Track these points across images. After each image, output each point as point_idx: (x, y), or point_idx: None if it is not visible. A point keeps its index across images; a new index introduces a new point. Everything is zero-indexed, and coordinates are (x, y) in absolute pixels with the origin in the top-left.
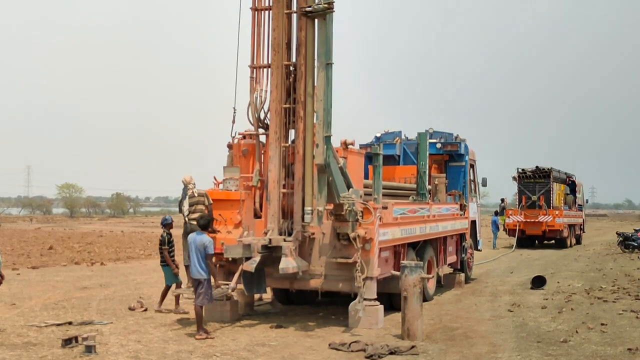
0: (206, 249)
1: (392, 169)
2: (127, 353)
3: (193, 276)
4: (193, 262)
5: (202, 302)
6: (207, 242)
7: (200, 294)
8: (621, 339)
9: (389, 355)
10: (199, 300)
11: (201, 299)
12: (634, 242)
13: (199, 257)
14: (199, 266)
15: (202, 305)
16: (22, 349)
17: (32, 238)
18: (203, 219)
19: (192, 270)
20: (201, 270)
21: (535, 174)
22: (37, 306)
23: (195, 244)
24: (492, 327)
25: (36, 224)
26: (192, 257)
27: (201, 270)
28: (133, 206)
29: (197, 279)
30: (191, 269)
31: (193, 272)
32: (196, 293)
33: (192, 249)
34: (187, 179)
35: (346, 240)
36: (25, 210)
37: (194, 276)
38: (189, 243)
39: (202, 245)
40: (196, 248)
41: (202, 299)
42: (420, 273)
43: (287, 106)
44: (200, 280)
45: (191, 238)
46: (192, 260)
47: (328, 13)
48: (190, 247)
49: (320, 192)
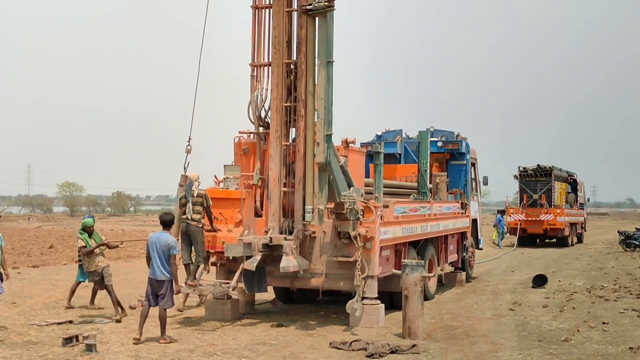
0: (171, 249)
1: (393, 168)
2: (128, 352)
3: (156, 277)
4: (156, 263)
5: (167, 304)
6: (171, 242)
7: (164, 296)
8: (622, 338)
9: (390, 354)
10: (163, 303)
11: (165, 301)
12: (635, 241)
13: (163, 258)
14: (162, 267)
15: (167, 308)
16: (23, 348)
17: (32, 237)
18: (167, 215)
19: (155, 271)
20: (165, 271)
21: (536, 173)
22: (37, 305)
23: (160, 243)
24: (493, 326)
25: (36, 222)
26: (155, 257)
27: (165, 271)
28: (134, 205)
29: (161, 281)
30: (154, 270)
31: (157, 273)
32: (159, 296)
33: (155, 249)
34: (194, 175)
35: (347, 239)
36: (25, 208)
37: (158, 277)
38: (151, 242)
39: (167, 246)
40: (160, 248)
41: (166, 302)
42: (421, 272)
43: (287, 104)
44: (164, 282)
45: (153, 237)
46: (155, 260)
47: (328, 11)
48: (152, 247)
49: (321, 190)
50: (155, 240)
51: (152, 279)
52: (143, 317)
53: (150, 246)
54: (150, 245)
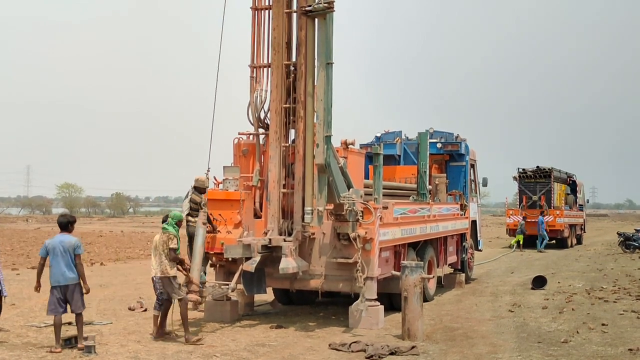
0: (76, 249)
1: (392, 169)
2: (127, 353)
3: (64, 282)
4: (60, 266)
5: (82, 308)
6: (75, 242)
7: (77, 299)
8: (622, 340)
9: (389, 355)
10: (78, 308)
11: (80, 305)
12: (634, 242)
13: (70, 260)
14: (68, 269)
15: (81, 311)
16: (22, 349)
17: (31, 238)
18: (63, 217)
19: (58, 276)
20: (72, 273)
21: (536, 174)
22: (36, 306)
23: (63, 245)
24: (492, 328)
25: (36, 223)
26: (59, 261)
27: (72, 273)
28: (133, 206)
29: (68, 285)
30: (56, 274)
31: (65, 277)
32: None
33: (59, 252)
34: (203, 179)
35: (346, 240)
36: (25, 210)
37: (65, 282)
38: (53, 247)
39: (72, 247)
40: (65, 250)
41: (81, 305)
42: (420, 273)
43: (287, 106)
44: (74, 285)
45: (56, 240)
46: (59, 264)
47: (328, 12)
48: (55, 251)
49: (320, 192)
50: (59, 243)
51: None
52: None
53: (53, 250)
54: (53, 250)
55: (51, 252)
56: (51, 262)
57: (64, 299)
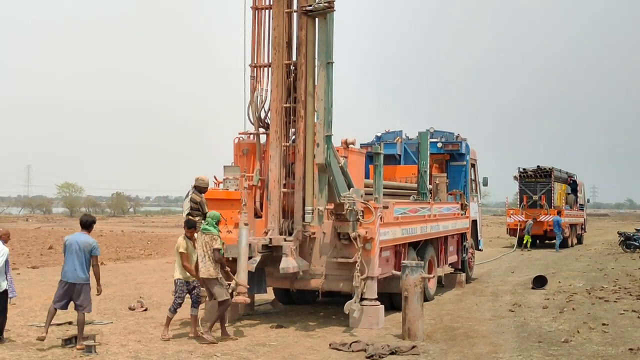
0: (93, 250)
1: (392, 169)
2: (127, 353)
3: (73, 280)
4: (73, 265)
5: (89, 309)
6: (93, 243)
7: (84, 300)
8: (622, 339)
9: (389, 355)
10: (84, 308)
11: (86, 306)
12: (635, 242)
13: (84, 259)
14: (80, 269)
15: (88, 312)
16: (22, 349)
17: (32, 238)
18: (87, 216)
19: (68, 273)
20: (82, 273)
21: (536, 174)
22: (37, 306)
23: (80, 244)
24: (493, 327)
25: (36, 223)
26: (73, 259)
27: (82, 273)
28: (133, 206)
29: (78, 284)
30: (67, 271)
31: (74, 275)
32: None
33: (74, 250)
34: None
35: (347, 240)
36: (25, 209)
37: (74, 280)
38: (70, 243)
39: (89, 247)
40: (80, 248)
41: (87, 307)
42: (421, 273)
43: (287, 105)
44: (82, 285)
45: (75, 238)
46: (73, 262)
47: (328, 12)
48: (70, 249)
49: (320, 191)
50: (75, 241)
51: (67, 282)
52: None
53: (68, 248)
54: (68, 248)
55: (67, 247)
56: (65, 258)
57: (69, 296)
